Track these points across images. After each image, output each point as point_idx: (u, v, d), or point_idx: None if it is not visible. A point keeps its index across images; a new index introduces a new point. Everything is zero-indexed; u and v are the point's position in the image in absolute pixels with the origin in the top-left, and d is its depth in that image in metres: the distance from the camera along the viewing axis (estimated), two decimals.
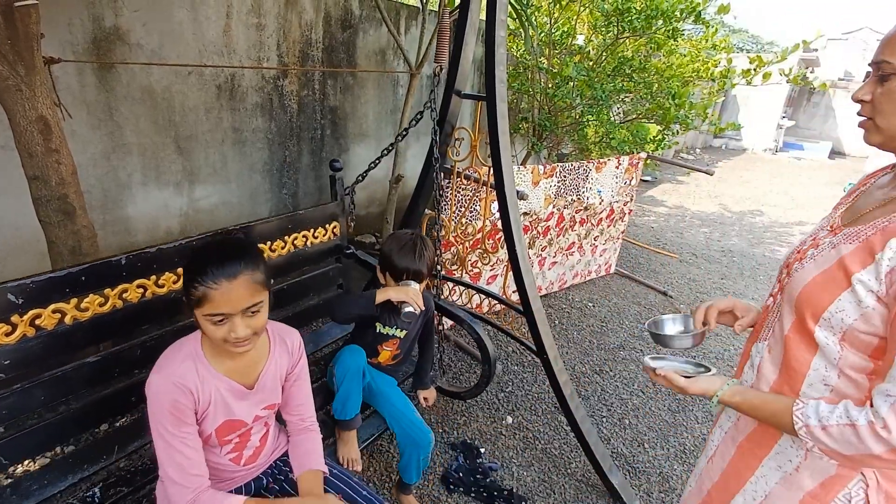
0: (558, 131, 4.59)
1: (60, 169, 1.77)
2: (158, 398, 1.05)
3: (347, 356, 1.62)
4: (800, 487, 1.01)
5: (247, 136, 3.32)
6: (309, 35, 3.47)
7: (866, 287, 0.85)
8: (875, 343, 0.87)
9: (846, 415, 0.84)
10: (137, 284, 1.33)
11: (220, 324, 1.03)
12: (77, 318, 1.22)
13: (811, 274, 0.95)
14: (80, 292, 1.22)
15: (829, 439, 0.86)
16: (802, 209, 7.80)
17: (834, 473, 0.97)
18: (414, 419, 1.70)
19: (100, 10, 2.47)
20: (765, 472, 1.08)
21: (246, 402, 1.18)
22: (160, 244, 1.38)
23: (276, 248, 1.73)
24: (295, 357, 1.29)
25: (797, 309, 0.97)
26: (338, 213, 1.99)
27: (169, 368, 1.07)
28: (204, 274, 1.00)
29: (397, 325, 1.71)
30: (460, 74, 1.95)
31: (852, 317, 0.87)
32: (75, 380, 1.25)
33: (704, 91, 4.64)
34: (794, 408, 0.90)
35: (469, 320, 1.84)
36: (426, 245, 1.65)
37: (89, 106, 2.55)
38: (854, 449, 0.83)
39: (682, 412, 2.68)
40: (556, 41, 4.38)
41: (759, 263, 5.16)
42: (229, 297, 1.02)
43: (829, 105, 16.48)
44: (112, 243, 2.83)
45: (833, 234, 0.98)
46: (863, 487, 0.95)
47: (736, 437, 1.15)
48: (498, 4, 1.66)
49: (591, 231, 3.94)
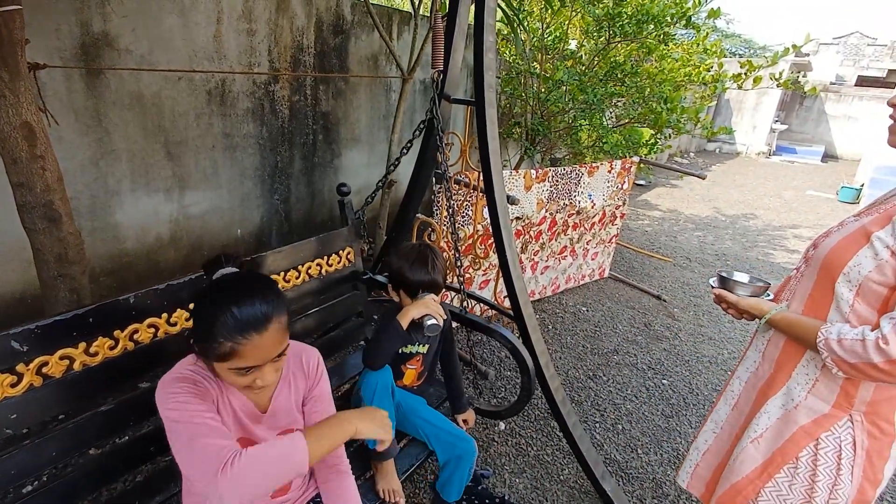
0: (551, 136, 4.60)
1: (45, 175, 1.75)
2: (172, 386, 0.95)
3: (372, 375, 1.53)
4: (795, 422, 1.19)
5: (238, 142, 3.30)
6: (300, 40, 3.47)
7: (883, 243, 1.01)
8: (884, 294, 1.03)
9: (861, 333, 1.01)
10: (148, 324, 1.26)
11: (247, 374, 0.95)
12: (87, 364, 1.14)
13: (836, 240, 1.12)
14: (89, 336, 1.15)
15: (841, 349, 1.03)
16: (796, 212, 7.83)
17: (826, 412, 1.14)
18: (453, 430, 1.63)
19: (88, 15, 2.45)
20: (769, 409, 1.25)
21: (260, 426, 1.08)
22: (169, 281, 1.30)
23: (290, 278, 1.66)
24: (313, 378, 1.18)
25: (822, 269, 1.13)
26: (351, 239, 1.94)
27: (176, 371, 1.00)
28: (229, 328, 0.90)
29: (419, 342, 1.65)
30: (450, 79, 1.95)
31: (868, 268, 1.03)
32: (89, 430, 1.17)
33: (697, 95, 4.65)
34: (821, 327, 1.09)
35: (502, 331, 1.77)
36: (436, 254, 1.59)
37: (77, 112, 2.53)
38: (858, 357, 1.00)
39: (675, 417, 2.66)
40: (548, 46, 4.39)
41: (753, 267, 5.17)
42: (260, 349, 0.93)
43: (822, 109, 16.61)
44: (101, 250, 2.80)
45: (858, 216, 1.15)
46: (849, 425, 1.12)
47: (756, 383, 1.31)
48: (486, 9, 1.66)
49: (583, 235, 3.94)
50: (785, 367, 1.23)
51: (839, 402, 1.13)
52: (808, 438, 1.16)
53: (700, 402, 2.81)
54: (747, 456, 1.27)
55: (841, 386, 1.12)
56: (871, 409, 1.11)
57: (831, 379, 1.13)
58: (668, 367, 3.15)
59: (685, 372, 3.10)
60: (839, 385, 1.12)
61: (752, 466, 1.25)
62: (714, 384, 3.00)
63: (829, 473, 1.14)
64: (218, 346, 0.90)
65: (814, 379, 1.17)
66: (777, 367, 1.25)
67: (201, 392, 0.98)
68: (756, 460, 1.25)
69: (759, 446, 1.25)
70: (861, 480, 1.14)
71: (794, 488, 1.19)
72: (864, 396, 1.10)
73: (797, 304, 1.21)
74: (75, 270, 1.91)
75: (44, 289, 1.92)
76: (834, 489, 1.14)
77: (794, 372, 1.21)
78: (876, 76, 17.93)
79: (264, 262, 1.58)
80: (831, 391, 1.14)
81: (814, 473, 1.16)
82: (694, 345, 3.45)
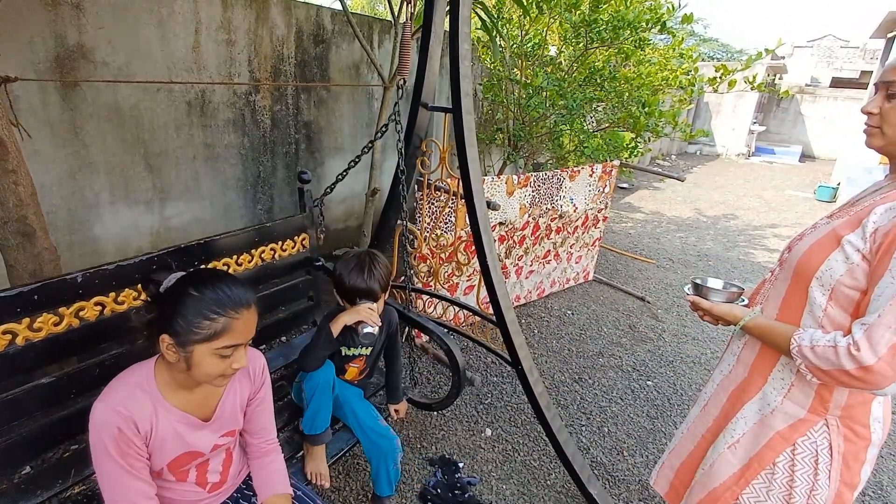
0: (533, 141, 4.64)
1: (18, 190, 1.73)
2: (100, 428, 0.98)
3: (315, 372, 1.59)
4: (771, 427, 1.19)
5: (219, 152, 3.28)
6: (281, 50, 3.47)
7: (854, 246, 1.02)
8: (856, 298, 1.03)
9: (833, 339, 1.01)
10: (95, 302, 1.28)
11: (227, 357, 1.00)
12: (29, 339, 1.17)
13: (808, 243, 1.12)
14: (33, 312, 1.17)
15: (814, 356, 1.02)
16: (775, 212, 7.97)
17: (802, 417, 1.15)
18: (377, 426, 1.68)
19: (62, 27, 2.43)
20: (745, 414, 1.25)
21: (203, 432, 1.12)
22: (119, 261, 1.33)
23: (242, 261, 1.70)
24: (257, 383, 1.23)
25: (795, 274, 1.13)
26: (307, 225, 1.97)
27: (114, 397, 1.00)
28: (223, 303, 0.97)
29: (361, 345, 1.70)
30: (427, 87, 1.96)
31: (840, 272, 1.04)
32: (28, 402, 1.20)
33: (675, 99, 4.72)
34: (794, 333, 1.09)
35: (437, 331, 1.83)
36: (376, 261, 1.61)
37: (53, 125, 2.50)
38: (831, 364, 0.99)
39: (660, 418, 2.69)
40: (528, 53, 4.44)
41: (734, 267, 5.25)
42: (248, 325, 1.00)
43: (798, 110, 16.96)
44: (78, 265, 2.76)
45: (830, 217, 1.16)
46: (826, 429, 1.13)
47: (729, 386, 1.33)
48: (461, 17, 1.67)
49: (567, 239, 3.97)
50: (761, 371, 1.23)
51: (815, 407, 1.13)
52: (785, 443, 1.17)
53: (684, 402, 2.84)
54: (724, 462, 1.27)
55: (816, 391, 1.13)
56: (846, 413, 1.11)
57: (806, 384, 1.13)
58: (653, 368, 3.18)
59: (669, 373, 3.13)
60: (814, 390, 1.13)
61: (730, 472, 1.25)
62: (697, 384, 3.03)
63: (807, 478, 1.14)
64: (209, 325, 0.96)
65: (789, 384, 1.17)
66: (752, 371, 1.26)
67: (126, 440, 0.99)
68: (733, 466, 1.25)
69: (736, 452, 1.25)
70: (838, 484, 1.14)
71: (772, 494, 1.19)
72: (839, 401, 1.11)
73: (771, 308, 1.21)
74: None
75: None
76: (812, 494, 1.14)
77: (770, 376, 1.21)
78: (849, 77, 18.39)
79: (217, 244, 1.60)
80: (807, 396, 1.14)
81: (791, 479, 1.16)
82: (677, 345, 3.49)
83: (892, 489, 2.30)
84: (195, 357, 0.98)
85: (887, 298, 0.94)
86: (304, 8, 3.54)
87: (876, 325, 0.94)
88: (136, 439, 1.00)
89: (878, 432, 1.14)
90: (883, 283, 0.96)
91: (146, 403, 1.02)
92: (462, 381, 1.85)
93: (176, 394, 1.07)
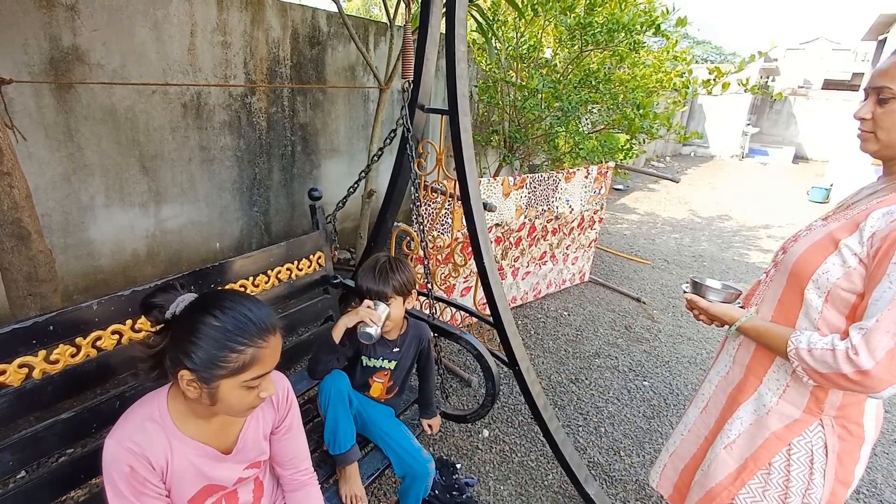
0: (529, 143, 4.65)
1: (13, 192, 1.72)
2: (111, 466, 0.90)
3: (328, 381, 1.54)
4: (767, 428, 1.20)
5: (215, 155, 3.28)
6: (276, 52, 3.47)
7: (851, 250, 1.03)
8: (852, 301, 1.04)
9: (831, 343, 1.01)
10: (112, 331, 1.22)
11: (254, 388, 0.92)
12: (47, 372, 1.11)
13: (804, 246, 1.13)
14: (49, 343, 1.11)
15: (811, 359, 1.03)
16: (769, 213, 8.02)
17: (798, 417, 1.16)
18: (409, 448, 1.61)
19: (57, 29, 2.42)
20: (741, 415, 1.26)
21: (225, 464, 1.04)
22: (134, 287, 1.27)
23: (259, 283, 1.65)
24: (283, 411, 1.13)
25: (791, 276, 1.14)
26: (321, 243, 1.92)
27: (123, 432, 0.93)
28: (250, 333, 0.88)
29: (383, 356, 1.64)
30: (423, 89, 1.97)
31: (836, 275, 1.04)
32: (48, 439, 1.13)
33: (669, 101, 4.75)
34: (791, 336, 1.09)
35: (468, 338, 1.78)
36: (393, 265, 1.58)
37: (48, 127, 2.49)
38: (828, 368, 1.00)
39: (656, 418, 2.70)
40: (523, 55, 4.46)
41: (729, 267, 5.28)
42: (275, 350, 0.92)
43: (791, 112, 17.08)
44: (74, 268, 2.75)
45: (826, 220, 1.17)
46: (821, 429, 1.14)
47: (727, 387, 1.33)
48: (457, 20, 1.68)
49: (563, 240, 3.98)
50: (756, 372, 1.24)
51: (810, 407, 1.14)
52: (781, 444, 1.18)
53: (680, 402, 2.86)
54: (721, 462, 1.28)
55: (811, 391, 1.14)
56: (840, 412, 1.13)
57: (802, 384, 1.14)
58: (649, 368, 3.19)
59: (665, 373, 3.15)
60: (809, 390, 1.14)
61: (726, 472, 1.27)
62: (693, 384, 3.05)
63: (802, 478, 1.15)
64: (236, 357, 0.87)
65: (785, 384, 1.18)
66: (748, 372, 1.27)
67: (139, 479, 0.92)
68: (730, 466, 1.26)
69: (733, 452, 1.26)
70: (833, 483, 1.15)
71: (768, 494, 1.20)
72: (834, 401, 1.12)
73: (766, 309, 1.21)
74: (46, 289, 1.88)
75: (13, 308, 1.88)
76: (807, 493, 1.16)
77: (766, 377, 1.22)
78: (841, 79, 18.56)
79: (233, 267, 1.56)
80: (802, 396, 1.15)
81: (787, 479, 1.17)
82: (673, 346, 3.51)
83: (885, 486, 2.31)
84: (221, 392, 0.90)
85: (885, 303, 0.95)
86: (300, 10, 3.55)
87: (874, 330, 0.95)
88: (151, 477, 0.93)
89: (872, 430, 1.16)
90: (881, 288, 0.97)
91: (159, 437, 0.94)
92: (497, 390, 1.78)
93: (192, 424, 0.99)
